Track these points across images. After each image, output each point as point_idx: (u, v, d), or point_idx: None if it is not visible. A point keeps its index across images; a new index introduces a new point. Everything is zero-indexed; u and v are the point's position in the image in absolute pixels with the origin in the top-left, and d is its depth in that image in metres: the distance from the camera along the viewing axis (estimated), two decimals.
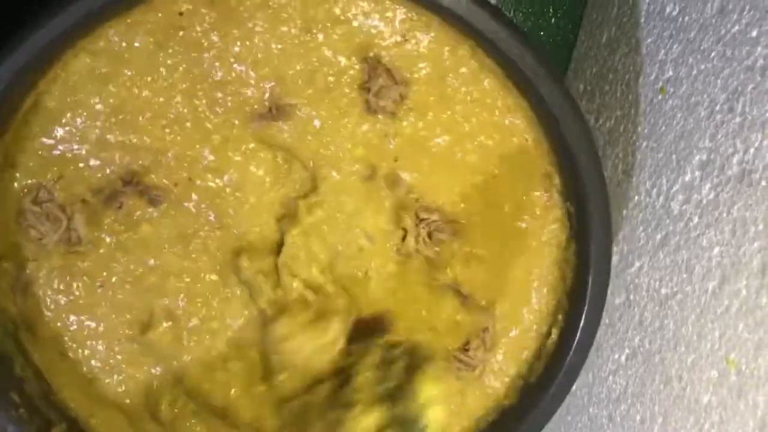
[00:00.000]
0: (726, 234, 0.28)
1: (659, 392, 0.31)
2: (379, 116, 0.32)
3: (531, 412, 0.31)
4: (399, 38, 0.31)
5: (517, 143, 0.32)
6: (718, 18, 0.30)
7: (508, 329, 0.34)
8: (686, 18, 0.32)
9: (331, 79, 0.31)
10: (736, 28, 0.29)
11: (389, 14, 0.31)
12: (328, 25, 0.31)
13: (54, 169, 0.31)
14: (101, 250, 0.32)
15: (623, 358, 0.34)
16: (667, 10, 0.34)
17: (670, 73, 0.33)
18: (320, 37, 0.31)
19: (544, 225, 0.33)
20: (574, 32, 0.44)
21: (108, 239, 0.32)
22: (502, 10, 0.42)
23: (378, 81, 0.31)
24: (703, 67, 0.31)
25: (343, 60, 0.31)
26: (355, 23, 0.31)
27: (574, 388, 0.37)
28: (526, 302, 0.34)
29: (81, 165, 0.31)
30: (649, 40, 0.36)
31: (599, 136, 0.39)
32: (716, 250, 0.28)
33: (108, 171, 0.31)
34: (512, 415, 0.33)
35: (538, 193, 0.33)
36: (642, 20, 0.37)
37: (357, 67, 0.31)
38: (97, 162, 0.31)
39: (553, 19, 0.44)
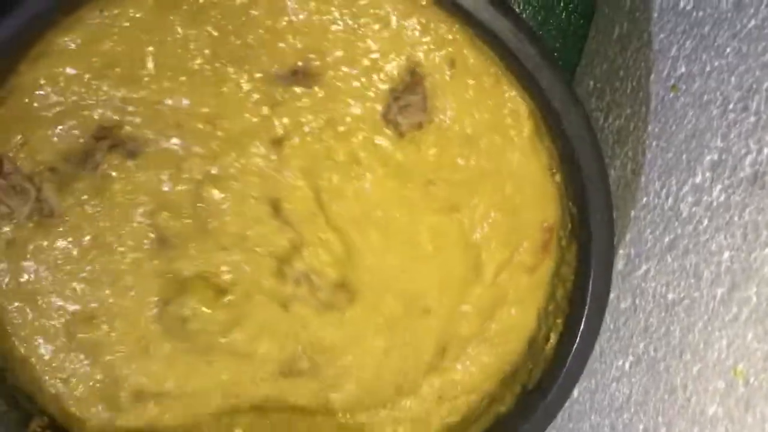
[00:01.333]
0: (737, 238, 0.27)
1: (663, 401, 0.30)
2: (389, 129, 0.31)
3: (528, 419, 0.30)
4: (447, 70, 0.30)
5: None
6: (733, 12, 0.29)
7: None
8: (700, 13, 0.31)
9: (368, 66, 0.30)
10: (753, 23, 0.28)
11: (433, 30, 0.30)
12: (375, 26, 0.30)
13: (18, 136, 0.29)
14: (76, 220, 0.30)
15: (627, 365, 0.33)
16: (681, 4, 0.33)
17: (683, 69, 0.32)
18: (367, 30, 0.30)
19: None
20: (585, 27, 0.43)
21: (83, 206, 0.30)
22: (509, 2, 0.41)
23: (409, 98, 0.30)
24: (717, 63, 0.30)
25: (386, 60, 0.30)
26: (406, 32, 0.30)
27: (576, 394, 0.36)
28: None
29: (50, 128, 0.29)
30: (662, 35, 0.34)
31: (608, 135, 0.38)
32: (726, 254, 0.27)
33: (81, 130, 0.30)
34: (508, 421, 0.32)
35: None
36: (655, 15, 0.35)
37: (396, 72, 0.30)
38: (72, 121, 0.29)
39: (563, 14, 0.43)
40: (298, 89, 0.30)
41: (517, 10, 0.42)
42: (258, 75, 0.30)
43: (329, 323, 0.33)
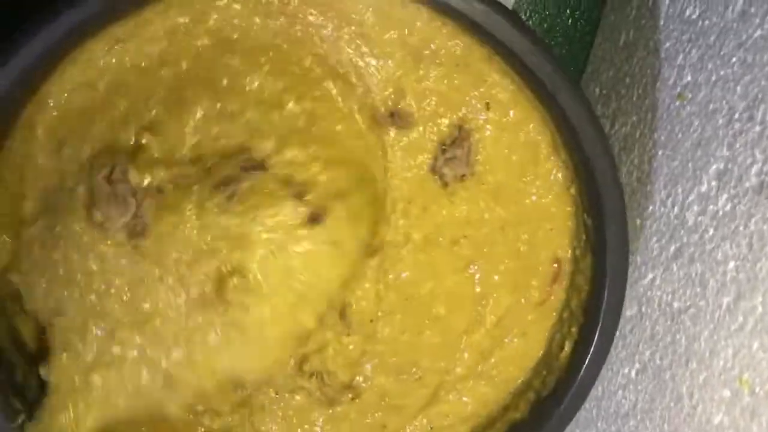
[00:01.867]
0: (742, 248, 0.27)
1: (669, 409, 0.30)
2: (436, 179, 0.31)
3: (542, 427, 0.31)
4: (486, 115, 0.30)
5: None
6: (739, 22, 0.29)
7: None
8: (706, 22, 0.31)
9: (429, 113, 0.30)
10: (758, 32, 0.28)
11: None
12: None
13: (131, 138, 0.27)
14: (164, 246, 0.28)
15: (633, 372, 0.33)
16: (687, 12, 0.33)
17: (689, 78, 0.32)
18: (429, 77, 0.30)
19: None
20: (591, 34, 0.43)
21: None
22: (519, 15, 0.41)
23: (456, 151, 0.30)
24: (722, 72, 0.30)
25: (440, 115, 0.30)
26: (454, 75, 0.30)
27: None
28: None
29: (176, 146, 0.28)
30: (668, 43, 0.35)
31: (614, 142, 0.39)
32: (732, 264, 0.27)
33: (211, 152, 0.28)
34: (522, 428, 0.32)
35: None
36: (661, 23, 0.35)
37: (446, 124, 0.30)
38: (211, 143, 0.28)
39: (570, 21, 0.43)
40: (394, 131, 0.30)
41: (523, 17, 0.43)
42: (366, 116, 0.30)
43: (318, 417, 0.32)
